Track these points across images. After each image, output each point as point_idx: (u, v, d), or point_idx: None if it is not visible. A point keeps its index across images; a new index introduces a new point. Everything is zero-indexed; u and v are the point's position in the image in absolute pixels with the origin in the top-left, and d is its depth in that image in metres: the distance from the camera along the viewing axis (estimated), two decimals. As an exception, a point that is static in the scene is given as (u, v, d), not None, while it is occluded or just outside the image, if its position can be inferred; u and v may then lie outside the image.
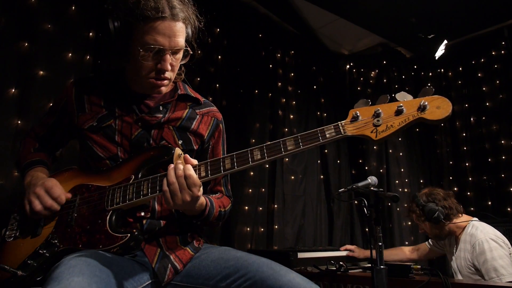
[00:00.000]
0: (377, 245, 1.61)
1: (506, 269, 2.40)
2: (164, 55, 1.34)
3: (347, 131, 1.21)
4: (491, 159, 4.40)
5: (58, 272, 1.06)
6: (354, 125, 1.21)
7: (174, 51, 1.36)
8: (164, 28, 1.30)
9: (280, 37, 4.39)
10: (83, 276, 1.04)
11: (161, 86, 1.42)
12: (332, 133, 1.21)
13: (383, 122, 1.17)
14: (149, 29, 1.29)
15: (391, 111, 1.18)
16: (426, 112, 1.14)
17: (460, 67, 4.82)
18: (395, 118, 1.17)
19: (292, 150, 1.22)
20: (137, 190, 1.33)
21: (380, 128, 1.17)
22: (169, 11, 1.30)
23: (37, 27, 2.56)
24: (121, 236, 1.28)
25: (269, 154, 1.23)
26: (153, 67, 1.36)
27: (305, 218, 4.12)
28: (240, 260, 1.31)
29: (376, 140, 1.19)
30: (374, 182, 2.16)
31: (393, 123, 1.17)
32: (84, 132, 1.45)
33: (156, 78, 1.39)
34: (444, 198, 2.66)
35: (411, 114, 1.16)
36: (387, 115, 1.18)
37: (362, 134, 1.19)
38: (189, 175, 1.22)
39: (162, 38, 1.31)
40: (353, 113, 1.21)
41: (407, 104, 1.17)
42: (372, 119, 1.19)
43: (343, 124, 1.22)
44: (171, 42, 1.33)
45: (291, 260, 2.62)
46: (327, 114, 4.77)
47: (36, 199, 1.35)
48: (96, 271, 1.09)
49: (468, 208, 4.40)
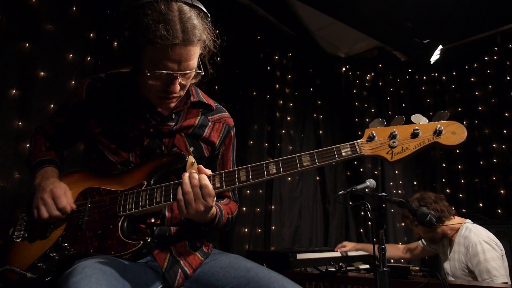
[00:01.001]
0: (381, 248, 1.65)
1: (498, 271, 2.47)
2: (173, 78, 1.29)
3: (363, 150, 1.23)
4: (483, 162, 4.50)
5: (75, 282, 1.05)
6: (370, 145, 1.23)
7: (183, 74, 1.30)
8: (174, 54, 1.22)
9: (278, 39, 4.42)
10: (100, 286, 1.04)
11: (170, 104, 1.39)
12: (348, 152, 1.23)
13: (399, 144, 1.20)
14: (159, 55, 1.22)
15: (407, 133, 1.20)
16: (441, 137, 1.17)
17: (454, 71, 4.92)
18: (411, 140, 1.19)
19: (308, 166, 1.24)
20: (150, 198, 1.33)
21: (396, 150, 1.20)
22: (182, 36, 1.21)
23: (38, 27, 2.54)
24: (133, 243, 1.29)
25: (284, 169, 1.25)
26: (161, 88, 1.31)
27: (301, 219, 4.16)
28: (250, 272, 1.31)
29: (391, 162, 1.21)
30: (372, 185, 2.20)
31: (408, 146, 1.19)
32: (96, 136, 1.45)
33: (165, 98, 1.35)
34: (435, 201, 2.72)
35: (427, 138, 1.18)
36: (403, 137, 1.20)
37: (377, 154, 1.22)
38: (205, 185, 1.23)
39: (171, 64, 1.24)
40: (369, 133, 1.23)
41: (423, 127, 1.19)
42: (388, 140, 1.21)
43: (359, 143, 1.24)
44: (180, 67, 1.26)
45: (290, 261, 2.65)
46: (323, 116, 4.81)
47: (44, 207, 1.35)
48: (113, 281, 1.10)
49: (460, 209, 4.49)
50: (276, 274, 1.31)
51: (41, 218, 1.35)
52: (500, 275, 2.47)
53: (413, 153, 1.20)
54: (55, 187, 1.39)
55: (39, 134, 1.62)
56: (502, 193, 4.26)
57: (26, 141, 2.38)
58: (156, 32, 1.18)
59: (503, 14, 4.19)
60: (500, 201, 4.26)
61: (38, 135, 1.62)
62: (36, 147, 1.59)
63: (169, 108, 1.44)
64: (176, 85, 1.31)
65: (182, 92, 1.38)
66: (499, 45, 4.48)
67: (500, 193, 4.27)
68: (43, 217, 1.35)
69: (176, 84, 1.31)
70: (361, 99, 5.09)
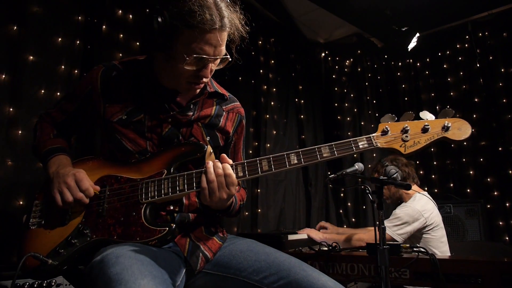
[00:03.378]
0: (380, 228, 1.77)
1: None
2: (207, 63, 1.35)
3: (379, 143, 1.35)
4: (454, 145, 4.77)
5: (116, 273, 1.07)
6: (385, 139, 1.35)
7: (215, 59, 1.37)
8: (212, 38, 1.29)
9: (262, 24, 4.43)
10: (146, 278, 1.06)
11: (197, 89, 1.45)
12: (365, 145, 1.35)
13: (411, 138, 1.33)
14: (198, 39, 1.28)
15: (418, 128, 1.33)
16: (449, 133, 1.31)
17: (428, 58, 5.12)
18: (422, 135, 1.33)
19: (328, 157, 1.34)
20: (172, 186, 1.37)
21: (408, 144, 1.33)
22: (219, 22, 1.29)
23: (25, 10, 2.44)
24: (159, 229, 1.33)
25: (305, 159, 1.34)
26: (193, 73, 1.36)
27: (285, 202, 4.29)
28: (270, 257, 1.38)
29: (404, 154, 1.34)
30: (361, 168, 2.33)
31: (420, 140, 1.33)
32: (113, 125, 1.45)
33: (195, 83, 1.41)
34: (406, 165, 2.99)
35: (436, 133, 1.33)
36: (414, 132, 1.34)
37: (391, 147, 1.35)
38: (229, 174, 1.28)
39: (208, 48, 1.30)
40: (383, 127, 1.36)
41: (432, 123, 1.33)
42: (401, 134, 1.34)
43: (374, 137, 1.35)
44: (215, 52, 1.33)
45: (283, 242, 2.76)
46: (304, 101, 4.91)
47: (67, 190, 1.35)
48: (154, 271, 1.12)
49: (432, 189, 4.77)
50: (294, 259, 1.39)
51: (65, 202, 1.35)
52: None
53: (424, 146, 1.35)
54: (77, 172, 1.40)
55: (45, 121, 1.60)
56: (471, 174, 4.56)
57: (18, 127, 2.32)
58: (201, 16, 1.24)
59: (474, 3, 4.40)
60: (469, 181, 4.55)
61: (45, 122, 1.60)
62: (44, 135, 1.56)
63: (194, 94, 1.47)
64: (209, 70, 1.37)
65: (209, 78, 1.44)
66: (470, 34, 4.71)
67: (470, 174, 4.57)
68: (67, 200, 1.34)
69: (209, 69, 1.37)
70: (340, 84, 5.22)
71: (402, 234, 2.72)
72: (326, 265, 2.40)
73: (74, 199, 1.35)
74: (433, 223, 2.81)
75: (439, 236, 2.85)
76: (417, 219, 2.74)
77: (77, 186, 1.36)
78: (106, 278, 1.08)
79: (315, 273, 1.32)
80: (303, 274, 1.30)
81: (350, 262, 2.33)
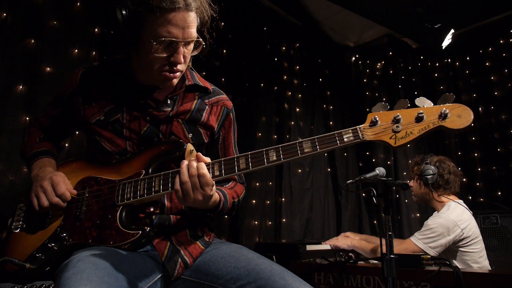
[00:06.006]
0: (387, 235, 1.60)
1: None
2: (177, 47, 1.30)
3: (366, 136, 1.19)
4: (500, 149, 4.36)
5: (67, 277, 1.05)
6: (373, 130, 1.19)
7: (186, 42, 1.32)
8: (178, 19, 1.25)
9: (285, 30, 4.37)
10: (90, 283, 1.02)
11: (173, 79, 1.38)
12: (350, 137, 1.20)
13: (403, 128, 1.16)
14: (163, 21, 1.24)
15: (411, 117, 1.16)
16: (447, 121, 1.13)
17: (468, 56, 4.77)
18: (415, 125, 1.16)
19: (309, 152, 1.21)
20: (148, 186, 1.32)
21: (400, 135, 1.16)
22: (183, 1, 1.25)
23: (43, 24, 2.57)
24: (132, 233, 1.27)
25: (285, 156, 1.22)
26: (165, 60, 1.32)
27: (312, 211, 4.12)
28: (251, 263, 1.27)
29: (394, 147, 1.17)
30: (382, 173, 2.14)
31: (412, 130, 1.15)
32: (91, 126, 1.43)
33: (169, 71, 1.35)
34: (450, 172, 2.67)
35: (432, 122, 1.14)
36: (406, 122, 1.17)
37: (380, 140, 1.18)
38: (203, 174, 1.20)
39: (176, 30, 1.26)
40: (371, 117, 1.20)
41: (428, 111, 1.15)
42: (391, 125, 1.18)
43: (361, 128, 1.21)
44: (184, 34, 1.28)
45: (300, 252, 2.62)
46: (333, 107, 4.75)
47: (43, 194, 1.34)
48: (105, 276, 1.08)
49: (477, 198, 4.37)
50: (277, 266, 1.28)
51: (41, 206, 1.34)
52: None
53: (417, 137, 1.16)
54: (54, 175, 1.38)
55: (33, 126, 1.62)
56: (521, 181, 4.12)
57: (34, 136, 2.41)
58: None
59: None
60: (518, 189, 4.12)
61: (33, 127, 1.62)
62: (30, 139, 1.58)
63: (172, 85, 1.42)
64: (180, 55, 1.31)
65: (184, 66, 1.38)
66: (515, 27, 4.32)
67: (519, 181, 4.14)
68: (43, 205, 1.33)
69: (181, 54, 1.31)
70: (372, 89, 5.00)
71: (435, 247, 2.44)
72: (340, 277, 2.23)
73: (50, 203, 1.34)
74: (471, 235, 2.51)
75: (478, 250, 2.54)
76: (452, 230, 2.45)
77: (53, 190, 1.35)
78: (59, 281, 1.06)
79: (296, 282, 1.21)
80: (282, 283, 1.19)
81: (366, 274, 2.15)
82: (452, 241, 2.46)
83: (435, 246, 2.44)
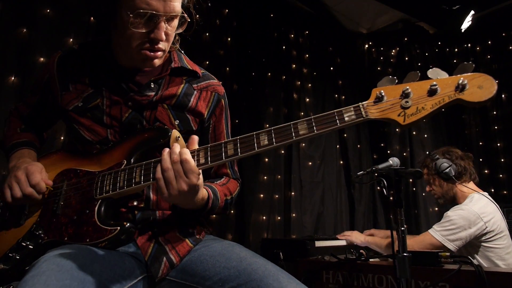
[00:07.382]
0: (399, 230, 1.43)
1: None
2: (158, 22, 1.17)
3: (370, 114, 1.02)
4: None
5: (24, 280, 0.96)
6: (378, 107, 1.02)
7: (169, 17, 1.19)
8: None
9: (293, 16, 4.20)
10: None
11: (155, 59, 1.25)
12: (352, 116, 1.03)
13: (413, 103, 0.99)
14: None
15: (423, 90, 0.99)
16: (465, 93, 0.96)
17: (489, 40, 4.52)
18: (427, 99, 0.98)
19: (305, 134, 1.05)
20: (128, 178, 1.19)
21: (409, 111, 0.99)
22: None
23: (35, 12, 2.47)
24: (110, 229, 1.15)
25: (277, 139, 1.07)
26: (145, 37, 1.19)
27: (324, 206, 3.95)
28: (243, 263, 1.14)
29: (403, 125, 1.01)
30: (396, 164, 1.97)
31: (424, 105, 0.98)
32: (69, 114, 1.31)
33: (149, 49, 1.22)
34: (461, 158, 2.51)
35: (447, 95, 0.97)
36: (417, 96, 0.99)
37: (387, 118, 1.01)
38: (185, 159, 1.07)
39: (156, 2, 1.14)
40: (376, 92, 1.03)
41: (442, 82, 0.98)
42: (399, 100, 1.01)
43: (364, 105, 1.04)
44: (166, 7, 1.16)
45: (308, 249, 2.48)
46: (345, 96, 4.56)
47: (16, 184, 1.23)
48: (67, 279, 0.97)
49: (500, 191, 4.14)
50: (272, 266, 1.14)
51: (14, 197, 1.23)
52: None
53: (430, 113, 0.99)
54: (30, 165, 1.27)
55: (13, 116, 1.51)
56: (548, 171, 3.86)
57: (27, 129, 2.32)
58: None
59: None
60: (545, 180, 3.86)
61: (12, 116, 1.51)
62: (10, 130, 1.48)
63: (153, 65, 1.29)
64: (162, 31, 1.18)
65: (167, 44, 1.25)
66: (541, 8, 4.03)
67: (546, 172, 3.88)
68: (16, 195, 1.22)
69: (162, 30, 1.18)
70: (386, 77, 4.77)
71: (455, 241, 2.25)
72: (350, 275, 2.07)
73: (23, 194, 1.23)
74: (496, 229, 2.31)
75: (504, 246, 2.33)
76: (475, 223, 2.26)
77: (27, 180, 1.24)
78: (21, 282, 0.96)
79: (291, 284, 1.07)
80: (275, 285, 1.06)
81: (378, 273, 1.98)
82: (473, 235, 2.27)
83: (454, 239, 2.25)
